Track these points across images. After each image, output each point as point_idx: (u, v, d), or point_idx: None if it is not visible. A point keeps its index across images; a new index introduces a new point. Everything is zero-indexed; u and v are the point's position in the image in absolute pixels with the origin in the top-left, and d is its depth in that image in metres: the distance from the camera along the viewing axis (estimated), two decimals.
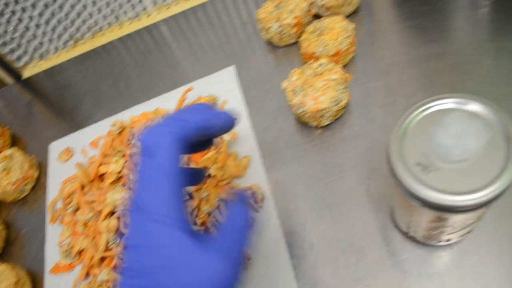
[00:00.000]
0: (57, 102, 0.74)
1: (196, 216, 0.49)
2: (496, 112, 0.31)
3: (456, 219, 0.32)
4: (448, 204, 0.28)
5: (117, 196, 0.49)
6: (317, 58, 0.54)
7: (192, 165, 0.53)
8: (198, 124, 0.31)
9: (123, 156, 0.54)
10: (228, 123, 0.34)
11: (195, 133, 0.30)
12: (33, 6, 0.70)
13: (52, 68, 0.80)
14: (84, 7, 0.73)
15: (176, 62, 0.70)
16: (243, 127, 0.57)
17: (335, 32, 0.55)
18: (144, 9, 0.77)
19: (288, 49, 0.63)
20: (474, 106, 0.31)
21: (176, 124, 0.30)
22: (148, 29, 0.77)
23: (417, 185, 0.29)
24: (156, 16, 0.77)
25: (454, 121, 0.30)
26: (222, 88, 0.62)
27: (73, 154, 0.64)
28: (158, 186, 0.28)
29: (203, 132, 0.31)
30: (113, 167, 0.52)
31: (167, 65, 0.70)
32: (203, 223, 0.48)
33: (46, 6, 0.70)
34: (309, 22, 0.60)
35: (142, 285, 0.26)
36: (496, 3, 0.57)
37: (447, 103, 0.32)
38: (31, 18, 0.71)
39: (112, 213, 0.51)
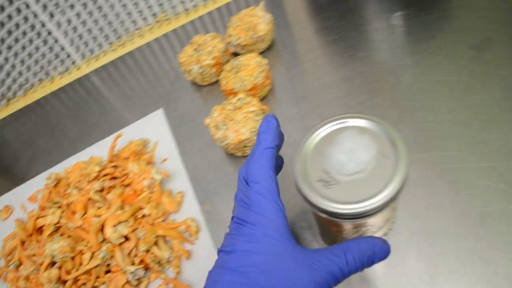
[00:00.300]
0: None
1: (135, 255, 0.51)
2: (381, 125, 0.35)
3: (369, 222, 0.36)
4: (347, 212, 0.32)
5: (55, 247, 0.50)
6: (236, 94, 0.59)
7: (131, 208, 0.55)
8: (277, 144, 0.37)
9: (60, 207, 0.56)
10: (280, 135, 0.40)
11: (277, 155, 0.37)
12: None
13: None
14: (13, 66, 0.75)
15: (108, 110, 0.73)
16: (175, 165, 0.60)
17: (250, 68, 0.60)
18: (73, 62, 0.80)
19: (211, 88, 0.67)
20: (362, 123, 0.36)
21: (269, 156, 0.36)
22: (79, 81, 0.80)
23: (319, 199, 0.33)
24: (86, 68, 0.80)
25: (346, 138, 0.35)
26: (153, 130, 0.65)
27: (13, 210, 0.65)
28: (266, 206, 0.34)
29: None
30: (51, 218, 0.54)
31: (100, 114, 0.73)
32: (141, 261, 0.51)
33: None
34: (228, 61, 0.65)
35: (240, 282, 0.31)
36: (408, 24, 0.64)
37: (339, 123, 0.37)
38: None
39: (53, 263, 0.52)
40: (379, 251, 0.33)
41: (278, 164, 0.42)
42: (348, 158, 0.34)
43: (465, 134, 0.50)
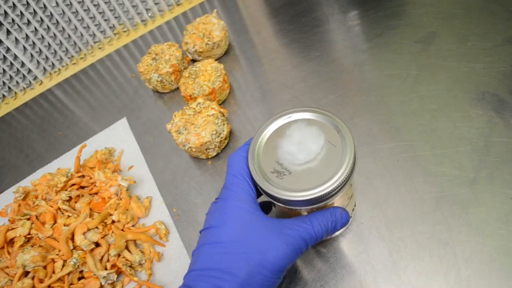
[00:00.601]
0: None
1: (107, 260, 0.53)
2: (326, 115, 0.38)
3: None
4: (302, 199, 0.34)
5: (26, 257, 0.51)
6: (195, 99, 0.61)
7: (100, 215, 0.57)
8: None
9: (29, 219, 0.57)
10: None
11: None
12: None
13: None
14: None
15: (74, 122, 0.74)
16: (142, 172, 0.62)
17: (208, 73, 0.62)
18: (35, 78, 0.80)
19: (172, 94, 0.69)
20: (309, 115, 0.39)
21: (245, 147, 0.39)
22: (43, 95, 0.81)
23: (274, 189, 0.35)
24: (48, 83, 0.81)
25: (295, 130, 0.38)
26: (118, 139, 0.67)
27: None
28: (235, 182, 0.38)
29: None
30: (20, 230, 0.55)
31: (65, 127, 0.74)
32: (113, 265, 0.52)
33: None
34: (186, 68, 0.67)
35: (217, 252, 0.35)
36: (357, 23, 0.68)
37: (288, 117, 0.39)
38: None
39: (26, 273, 0.53)
40: (340, 217, 0.38)
41: None
42: (298, 149, 0.36)
43: (417, 124, 0.54)
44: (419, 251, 0.44)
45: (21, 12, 0.70)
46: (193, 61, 0.71)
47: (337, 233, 0.47)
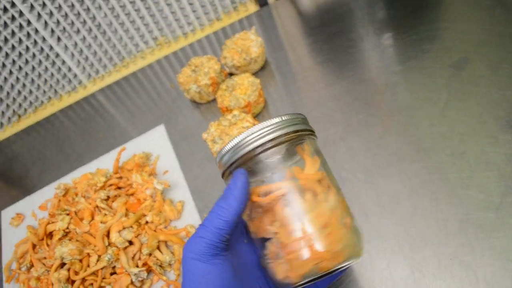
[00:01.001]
0: (7, 172, 0.80)
1: (139, 258, 0.56)
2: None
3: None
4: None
5: (65, 250, 0.54)
6: (231, 111, 0.64)
7: (135, 215, 0.60)
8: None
9: (68, 214, 0.60)
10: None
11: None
12: None
13: (0, 142, 0.86)
14: (24, 85, 0.81)
15: (113, 126, 0.78)
16: (176, 177, 0.65)
17: (244, 87, 0.65)
18: (80, 82, 0.85)
19: (209, 105, 0.72)
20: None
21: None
22: (86, 99, 0.85)
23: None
24: (92, 88, 0.86)
25: None
26: (155, 145, 0.70)
27: (24, 218, 0.70)
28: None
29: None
30: (60, 224, 0.59)
31: (105, 130, 0.78)
32: (144, 264, 0.55)
33: None
34: (223, 80, 0.71)
35: None
36: (391, 45, 0.70)
37: None
38: None
39: (62, 265, 0.56)
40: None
41: None
42: None
43: (446, 146, 0.55)
44: (441, 271, 0.45)
45: (72, 21, 0.75)
46: (231, 74, 0.74)
47: None
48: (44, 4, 0.72)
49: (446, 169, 0.53)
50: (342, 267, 0.35)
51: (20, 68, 0.78)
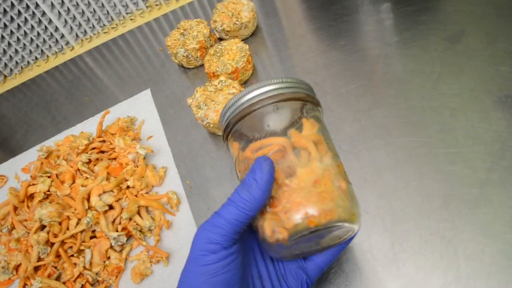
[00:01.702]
0: None
1: (119, 223, 0.55)
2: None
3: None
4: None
5: (44, 211, 0.54)
6: (218, 76, 0.62)
7: (116, 179, 0.59)
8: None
9: (50, 176, 0.59)
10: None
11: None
12: None
13: None
14: (9, 44, 0.78)
15: (100, 89, 0.77)
16: (160, 143, 0.64)
17: (232, 52, 0.63)
18: (67, 43, 0.83)
19: (197, 70, 0.71)
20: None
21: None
22: (73, 60, 0.83)
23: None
24: (79, 49, 0.83)
25: None
26: (140, 109, 0.69)
27: (7, 180, 0.69)
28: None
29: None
30: (41, 186, 0.58)
31: (92, 93, 0.76)
32: (124, 228, 0.55)
33: None
34: (212, 45, 0.69)
35: None
36: (386, 16, 0.67)
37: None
38: None
39: (42, 227, 0.56)
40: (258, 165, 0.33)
41: None
42: None
43: (435, 121, 0.54)
44: (421, 246, 0.45)
45: None
46: (220, 39, 0.72)
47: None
48: None
49: (434, 144, 0.52)
50: (333, 226, 0.32)
51: (5, 26, 0.76)
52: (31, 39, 0.80)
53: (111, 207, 0.56)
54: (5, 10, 0.73)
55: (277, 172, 0.33)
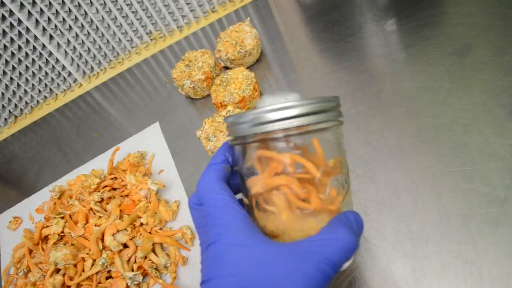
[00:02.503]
0: (4, 175, 0.79)
1: (134, 261, 0.55)
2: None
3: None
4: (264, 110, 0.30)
5: (59, 254, 0.54)
6: (225, 106, 0.62)
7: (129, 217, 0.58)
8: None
9: (63, 217, 0.59)
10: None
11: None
12: None
13: None
14: (18, 85, 0.79)
15: (110, 124, 0.77)
16: (171, 176, 0.63)
17: (238, 81, 0.63)
18: (75, 80, 0.84)
19: (204, 101, 0.71)
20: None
21: (215, 170, 0.34)
22: (82, 97, 0.84)
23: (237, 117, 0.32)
24: (87, 85, 0.84)
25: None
26: (150, 143, 0.69)
27: (22, 221, 0.69)
28: (222, 214, 0.31)
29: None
30: (55, 228, 0.58)
31: (102, 128, 0.77)
32: (140, 267, 0.54)
33: None
34: (218, 75, 0.69)
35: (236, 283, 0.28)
36: (390, 33, 0.67)
37: None
38: None
39: (57, 270, 0.56)
40: (361, 222, 0.32)
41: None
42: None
43: (448, 138, 0.52)
44: (444, 269, 0.43)
45: (63, 19, 0.74)
46: (226, 68, 0.72)
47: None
48: (34, 2, 0.70)
49: (449, 162, 0.50)
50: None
51: (14, 68, 0.77)
52: (40, 79, 0.81)
53: (125, 245, 0.55)
54: (12, 53, 0.74)
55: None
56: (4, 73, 0.76)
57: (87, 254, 0.55)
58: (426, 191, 0.49)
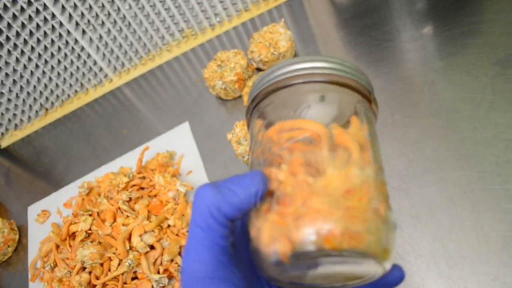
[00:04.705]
0: (34, 167, 0.80)
1: (161, 263, 0.54)
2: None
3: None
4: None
5: (86, 253, 0.53)
6: None
7: (156, 218, 0.58)
8: None
9: (91, 215, 0.59)
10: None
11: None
12: (2, 83, 0.76)
13: (28, 136, 0.86)
14: (50, 79, 0.80)
15: (139, 121, 0.77)
16: (200, 178, 0.63)
17: None
18: (106, 76, 0.84)
19: (236, 102, 0.70)
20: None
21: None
22: (112, 93, 0.84)
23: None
24: (118, 81, 0.84)
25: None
26: (179, 143, 0.68)
27: (50, 215, 0.69)
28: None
29: None
30: (82, 225, 0.58)
31: (131, 125, 0.76)
32: (166, 270, 0.54)
33: (14, 81, 0.77)
34: (250, 76, 0.67)
35: None
36: (431, 40, 0.65)
37: None
38: (1, 94, 0.77)
39: (84, 268, 0.56)
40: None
41: None
42: None
43: (489, 154, 0.50)
44: None
45: (97, 14, 0.73)
46: (258, 69, 0.71)
47: None
48: None
49: (489, 179, 0.48)
50: (355, 258, 0.24)
51: (46, 61, 0.77)
52: (71, 73, 0.81)
53: (152, 247, 0.55)
54: (45, 47, 0.75)
55: (297, 164, 0.25)
56: (37, 66, 0.77)
57: (113, 253, 0.55)
58: (464, 209, 0.47)
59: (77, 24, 0.74)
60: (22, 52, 0.74)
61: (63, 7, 0.71)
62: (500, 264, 0.43)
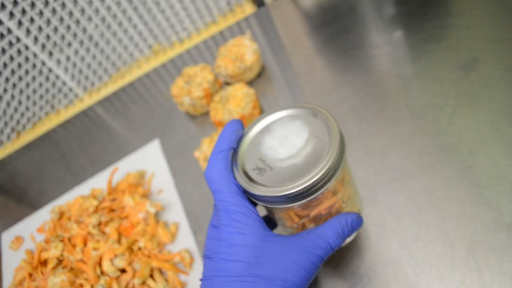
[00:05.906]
0: (8, 191, 0.79)
1: (132, 287, 0.54)
2: (312, 109, 0.36)
3: (314, 209, 0.35)
4: (279, 195, 0.31)
5: (57, 280, 0.53)
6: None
7: (126, 241, 0.58)
8: None
9: (62, 240, 0.58)
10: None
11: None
12: None
13: (1, 160, 0.85)
14: (20, 102, 0.79)
15: (111, 139, 0.76)
16: (171, 196, 0.62)
17: (238, 99, 0.61)
18: (76, 95, 0.83)
19: (204, 117, 0.69)
20: (295, 111, 0.37)
21: (223, 159, 0.35)
22: (84, 112, 0.84)
23: (251, 186, 0.33)
24: (89, 100, 0.84)
25: (278, 125, 0.36)
26: (150, 161, 0.68)
27: (23, 241, 0.69)
28: (232, 210, 0.33)
29: None
30: (53, 252, 0.57)
31: (104, 142, 0.76)
32: None
33: None
34: (217, 91, 0.67)
35: (231, 280, 0.32)
36: (393, 47, 0.65)
37: (275, 115, 0.37)
38: None
39: None
40: (356, 224, 0.36)
41: None
42: (280, 143, 0.34)
43: (453, 159, 0.50)
44: None
45: (63, 35, 0.73)
46: (226, 83, 0.71)
47: (348, 240, 0.43)
48: (32, 20, 0.70)
49: (454, 185, 0.49)
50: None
51: (14, 85, 0.77)
52: (41, 95, 0.80)
53: (124, 270, 0.55)
54: (12, 71, 0.74)
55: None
56: (5, 90, 0.76)
57: (85, 279, 0.54)
58: (429, 216, 0.48)
59: (43, 46, 0.73)
60: None
61: (28, 30, 0.70)
62: (466, 270, 0.43)
